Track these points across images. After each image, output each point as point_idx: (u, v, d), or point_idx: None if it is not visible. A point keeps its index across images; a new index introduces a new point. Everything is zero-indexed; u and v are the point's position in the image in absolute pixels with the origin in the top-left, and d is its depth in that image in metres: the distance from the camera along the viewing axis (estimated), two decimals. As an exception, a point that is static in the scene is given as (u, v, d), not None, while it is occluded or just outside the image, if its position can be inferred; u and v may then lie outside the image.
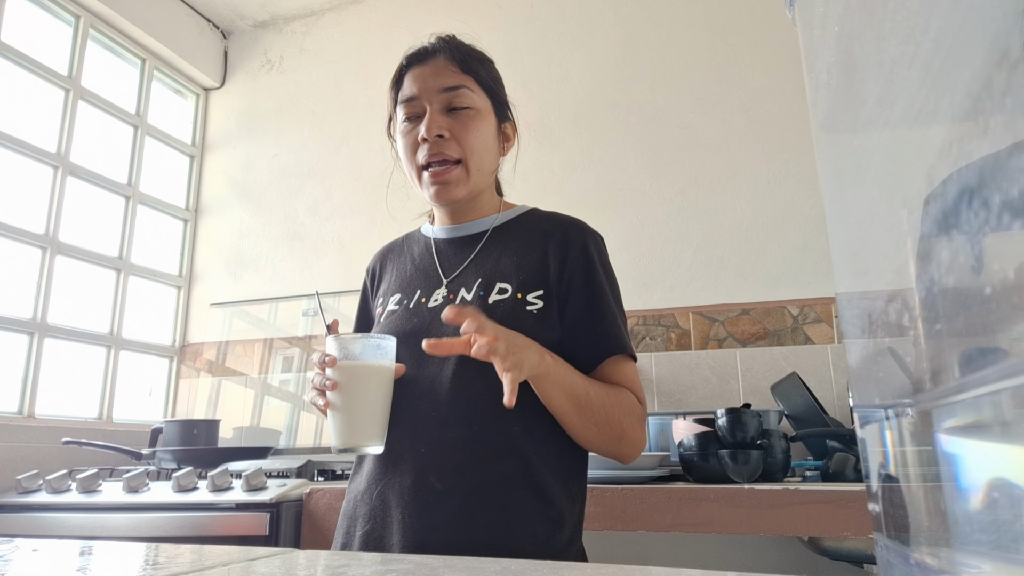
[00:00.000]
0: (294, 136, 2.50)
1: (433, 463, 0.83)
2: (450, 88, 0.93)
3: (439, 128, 0.91)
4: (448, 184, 0.93)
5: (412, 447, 0.85)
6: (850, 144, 0.35)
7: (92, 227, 2.17)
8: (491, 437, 0.84)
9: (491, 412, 0.83)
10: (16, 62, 1.94)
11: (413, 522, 0.82)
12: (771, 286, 1.84)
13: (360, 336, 0.85)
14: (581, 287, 0.92)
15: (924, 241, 0.26)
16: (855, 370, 0.35)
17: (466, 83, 0.95)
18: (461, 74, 0.95)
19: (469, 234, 1.00)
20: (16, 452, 1.76)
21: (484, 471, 0.83)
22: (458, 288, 0.94)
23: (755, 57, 1.99)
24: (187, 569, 0.44)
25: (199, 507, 1.38)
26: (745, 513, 1.11)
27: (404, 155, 0.96)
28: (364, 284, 1.12)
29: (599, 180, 2.07)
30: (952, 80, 0.20)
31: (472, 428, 0.84)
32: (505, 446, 0.84)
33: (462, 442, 0.84)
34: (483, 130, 0.95)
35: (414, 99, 0.94)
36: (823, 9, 0.36)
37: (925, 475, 0.25)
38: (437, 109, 0.93)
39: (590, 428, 0.86)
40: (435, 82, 0.93)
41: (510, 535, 0.81)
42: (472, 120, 0.94)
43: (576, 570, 0.42)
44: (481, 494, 0.82)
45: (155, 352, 2.36)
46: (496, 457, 0.83)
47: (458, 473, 0.83)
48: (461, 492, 0.82)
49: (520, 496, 0.83)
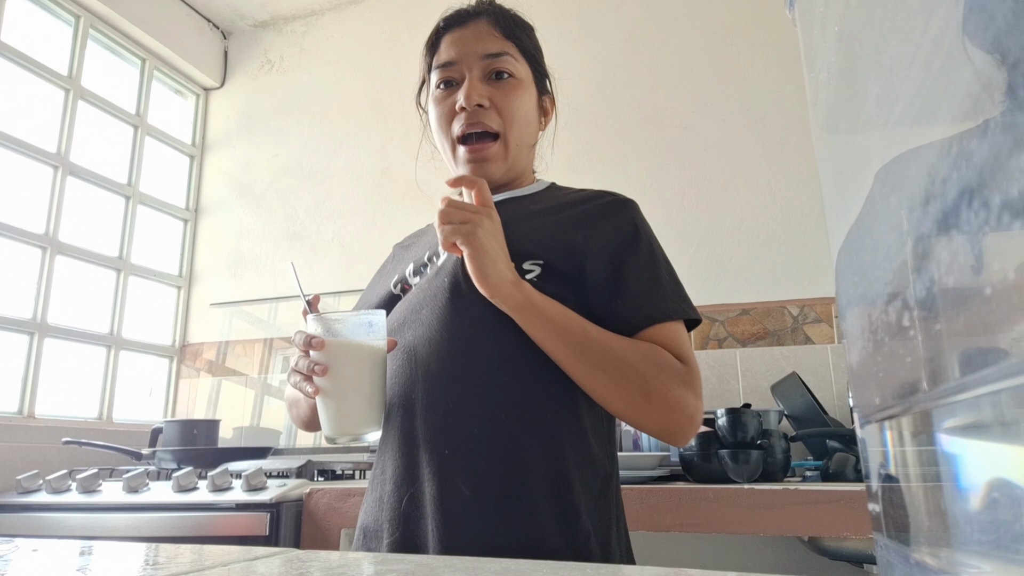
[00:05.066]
0: (294, 136, 2.50)
1: (459, 467, 0.74)
2: (493, 55, 0.85)
3: (480, 96, 0.83)
4: (486, 161, 0.85)
5: (434, 449, 0.76)
6: (850, 144, 0.35)
7: (92, 227, 2.17)
8: (518, 433, 0.75)
9: (517, 401, 0.75)
10: (16, 62, 1.94)
11: (444, 533, 0.72)
12: (771, 286, 1.84)
13: (347, 313, 0.78)
14: (623, 248, 0.81)
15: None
16: (855, 370, 0.35)
17: (509, 50, 0.87)
18: (504, 40, 0.87)
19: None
20: (16, 452, 1.76)
21: (514, 471, 0.74)
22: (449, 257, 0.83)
23: (755, 57, 1.99)
24: (187, 569, 0.44)
25: (199, 507, 1.38)
26: (745, 513, 1.11)
27: (437, 125, 0.88)
28: (385, 262, 1.04)
29: (599, 180, 2.06)
30: (952, 80, 0.20)
31: (498, 423, 0.75)
32: (534, 440, 0.75)
33: (488, 441, 0.75)
34: (525, 101, 0.88)
35: (452, 64, 0.86)
36: (823, 9, 0.36)
37: (925, 475, 0.25)
38: (477, 76, 0.85)
39: (597, 375, 0.73)
40: (477, 47, 0.85)
41: (545, 541, 0.72)
42: (515, 90, 0.86)
43: (576, 570, 0.42)
44: (513, 497, 0.73)
45: (155, 352, 2.36)
46: (525, 453, 0.74)
47: (488, 476, 0.74)
48: (492, 496, 0.73)
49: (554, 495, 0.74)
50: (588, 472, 0.77)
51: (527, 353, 0.76)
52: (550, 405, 0.76)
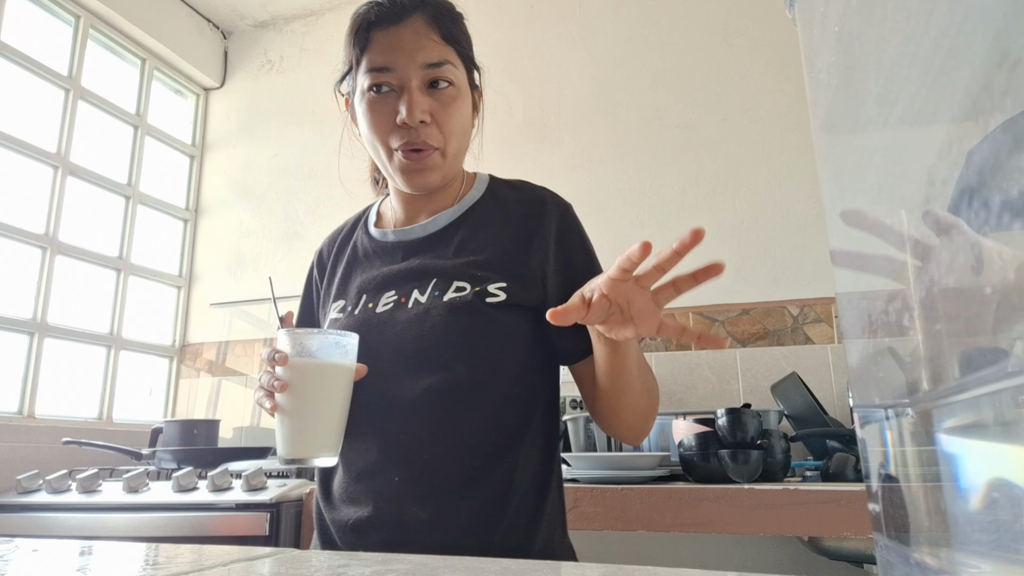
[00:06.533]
0: (294, 136, 2.50)
1: (412, 493, 0.77)
2: (433, 64, 0.81)
3: (423, 112, 0.80)
4: (425, 171, 0.83)
5: (385, 475, 0.78)
6: (850, 144, 0.35)
7: (92, 227, 2.17)
8: (470, 455, 0.78)
9: (468, 425, 0.78)
10: (16, 62, 1.94)
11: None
12: (771, 286, 1.85)
13: (317, 331, 0.75)
14: (572, 271, 0.83)
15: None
16: (855, 370, 0.35)
17: (448, 56, 0.82)
18: (443, 45, 0.82)
19: (427, 234, 0.89)
20: (16, 452, 1.76)
21: (469, 493, 0.77)
22: (410, 290, 0.84)
23: (755, 57, 1.99)
24: (187, 569, 0.44)
25: (199, 507, 1.38)
26: (745, 513, 1.11)
27: (372, 131, 0.84)
28: (311, 272, 1.02)
29: (599, 180, 2.07)
30: (952, 80, 0.20)
31: (450, 448, 0.77)
32: (486, 460, 0.78)
33: (441, 464, 0.77)
34: (463, 111, 0.85)
35: (389, 70, 0.80)
36: (823, 9, 0.36)
37: (925, 475, 0.25)
38: (418, 87, 0.80)
39: (644, 396, 0.79)
40: (417, 55, 0.80)
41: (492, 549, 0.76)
42: (454, 101, 0.83)
43: (576, 570, 0.42)
44: (469, 519, 0.76)
45: (155, 352, 2.36)
46: (479, 473, 0.77)
47: (442, 500, 0.76)
48: (453, 520, 0.76)
49: (510, 509, 0.78)
50: (537, 484, 0.81)
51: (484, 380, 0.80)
52: (504, 430, 0.79)
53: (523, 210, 0.88)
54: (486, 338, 0.80)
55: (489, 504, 0.77)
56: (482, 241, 0.86)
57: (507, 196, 0.91)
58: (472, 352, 0.79)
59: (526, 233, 0.85)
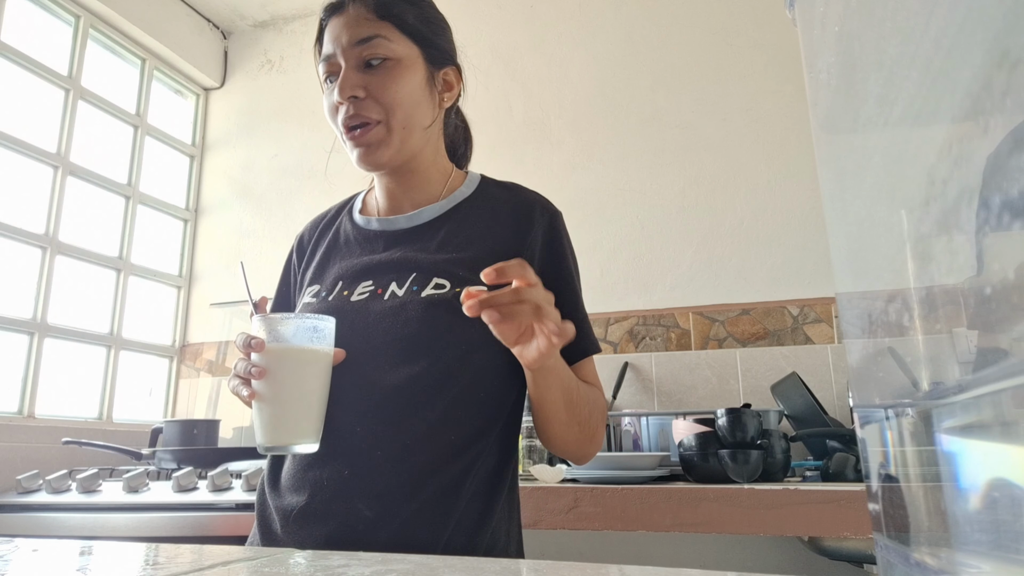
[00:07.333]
0: (294, 136, 2.50)
1: (360, 489, 0.75)
2: (363, 40, 0.83)
3: (353, 88, 0.82)
4: (370, 146, 0.83)
5: (334, 467, 0.77)
6: (850, 144, 0.35)
7: (92, 227, 2.17)
8: (424, 457, 0.76)
9: (426, 426, 0.76)
10: (16, 62, 1.94)
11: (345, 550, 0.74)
12: (771, 286, 1.85)
13: (292, 316, 0.74)
14: (554, 280, 0.81)
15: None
16: (855, 370, 0.35)
17: (382, 31, 0.84)
18: (378, 21, 0.84)
19: (411, 226, 0.89)
20: (16, 452, 1.76)
21: (418, 494, 0.75)
22: (388, 282, 0.83)
23: (755, 57, 1.99)
24: (187, 569, 0.44)
25: (199, 507, 1.38)
26: (745, 513, 1.11)
27: (328, 118, 0.87)
28: (290, 256, 1.01)
29: (599, 180, 2.07)
30: (952, 80, 0.20)
31: (404, 447, 0.76)
32: (440, 463, 0.76)
33: (392, 464, 0.75)
34: (407, 81, 0.84)
35: (331, 57, 0.85)
36: (823, 9, 0.36)
37: (925, 475, 0.25)
38: (352, 66, 0.83)
39: (572, 428, 0.79)
40: (348, 35, 0.84)
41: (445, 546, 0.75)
42: (391, 72, 0.83)
43: (576, 570, 0.42)
44: (415, 519, 0.74)
45: (155, 352, 2.36)
46: (430, 477, 0.76)
47: (389, 499, 0.75)
48: (398, 520, 0.74)
49: (456, 514, 0.76)
50: (487, 488, 0.80)
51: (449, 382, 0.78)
52: (461, 435, 0.78)
53: (512, 212, 0.88)
54: (459, 339, 0.78)
55: (435, 506, 0.75)
56: (466, 238, 0.85)
57: (497, 196, 0.91)
58: (443, 352, 0.78)
59: (513, 235, 0.85)
